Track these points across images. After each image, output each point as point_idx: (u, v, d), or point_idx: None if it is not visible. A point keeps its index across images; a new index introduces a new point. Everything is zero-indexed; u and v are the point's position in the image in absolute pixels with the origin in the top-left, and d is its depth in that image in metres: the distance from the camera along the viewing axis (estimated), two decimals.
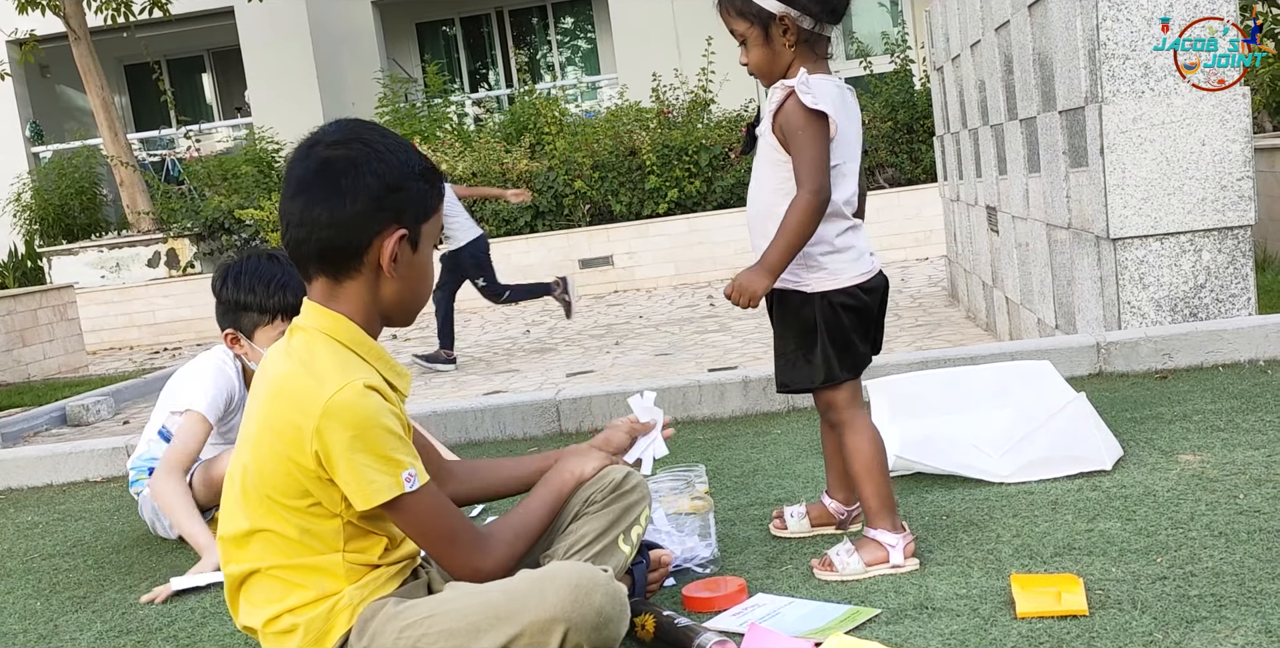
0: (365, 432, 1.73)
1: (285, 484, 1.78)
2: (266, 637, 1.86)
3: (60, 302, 9.79)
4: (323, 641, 1.82)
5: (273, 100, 15.50)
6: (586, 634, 1.72)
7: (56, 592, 2.83)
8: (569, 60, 18.14)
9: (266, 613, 1.83)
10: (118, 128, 13.03)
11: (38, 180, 15.04)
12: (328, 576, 1.82)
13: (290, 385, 1.78)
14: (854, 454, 2.32)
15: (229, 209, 12.51)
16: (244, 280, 3.04)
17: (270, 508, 1.80)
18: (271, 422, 1.79)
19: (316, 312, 1.85)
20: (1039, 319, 5.15)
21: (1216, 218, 3.92)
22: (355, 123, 1.91)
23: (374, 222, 1.81)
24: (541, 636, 1.71)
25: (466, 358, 7.89)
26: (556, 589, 1.73)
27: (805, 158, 2.23)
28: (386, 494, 1.76)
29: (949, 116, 7.65)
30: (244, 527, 1.83)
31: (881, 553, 2.26)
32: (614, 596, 1.76)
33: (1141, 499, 2.50)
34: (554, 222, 11.91)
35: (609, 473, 2.14)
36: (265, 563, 1.83)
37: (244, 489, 1.83)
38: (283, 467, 1.77)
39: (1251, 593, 1.94)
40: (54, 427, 6.51)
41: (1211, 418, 3.11)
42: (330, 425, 1.72)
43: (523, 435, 4.04)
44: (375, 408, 1.75)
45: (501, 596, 1.76)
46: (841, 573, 2.25)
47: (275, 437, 1.77)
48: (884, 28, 14.86)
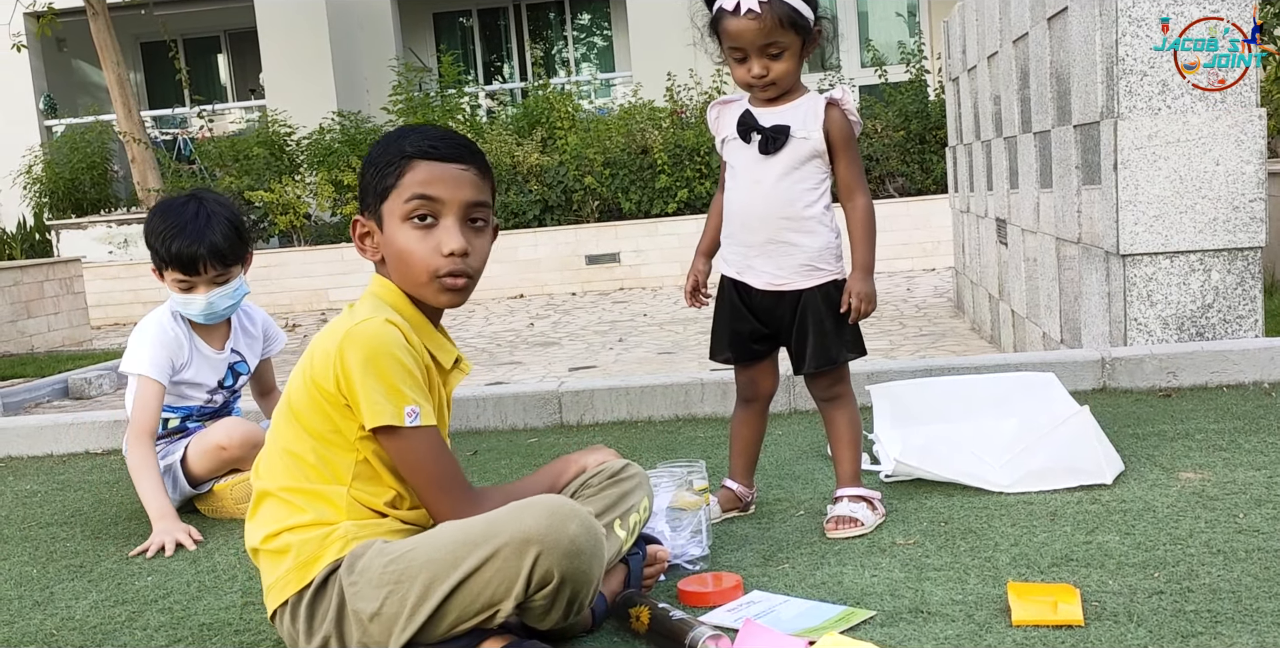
0: (377, 357, 1.87)
1: (312, 408, 1.92)
2: (263, 555, 1.97)
3: (67, 275, 9.80)
4: (311, 565, 1.90)
5: (287, 83, 15.50)
6: (557, 560, 1.76)
7: (53, 560, 2.84)
8: (584, 57, 18.14)
9: (267, 531, 1.94)
10: (132, 104, 13.03)
11: (49, 153, 15.04)
12: (330, 505, 1.93)
13: (332, 325, 1.97)
14: (850, 423, 2.62)
15: (239, 190, 12.51)
16: (154, 219, 3.08)
17: (296, 431, 1.95)
18: (312, 351, 1.95)
19: (375, 280, 2.05)
20: (1044, 333, 5.15)
21: (1227, 238, 3.92)
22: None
23: (365, 198, 2.03)
24: (514, 558, 1.76)
25: (470, 349, 7.90)
26: (534, 513, 1.79)
27: (858, 166, 2.51)
28: (386, 419, 1.88)
29: (962, 128, 7.65)
30: (273, 446, 1.99)
31: (873, 502, 2.59)
32: (589, 528, 1.81)
33: (1141, 514, 2.51)
34: (563, 216, 11.92)
35: (609, 462, 2.21)
36: (277, 484, 1.95)
37: (282, 410, 1.99)
38: (311, 392, 1.92)
39: (1248, 611, 1.94)
40: (56, 398, 6.52)
41: (1214, 437, 3.12)
42: (349, 347, 1.87)
43: (524, 426, 4.05)
44: (391, 339, 1.89)
45: (481, 522, 1.82)
46: (867, 526, 2.51)
47: (310, 364, 1.93)
48: (900, 37, 14.86)
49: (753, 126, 2.51)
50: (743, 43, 2.41)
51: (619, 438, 3.74)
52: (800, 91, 2.52)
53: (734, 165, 2.57)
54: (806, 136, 2.47)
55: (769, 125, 2.49)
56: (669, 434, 3.76)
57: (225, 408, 3.35)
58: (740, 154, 2.55)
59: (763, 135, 2.49)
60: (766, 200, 2.51)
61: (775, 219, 2.50)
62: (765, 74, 2.43)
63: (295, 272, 11.91)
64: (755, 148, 2.51)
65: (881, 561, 2.34)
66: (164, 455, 3.20)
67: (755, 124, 2.50)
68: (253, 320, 3.36)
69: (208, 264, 3.05)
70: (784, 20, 2.37)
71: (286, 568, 1.91)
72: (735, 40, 2.42)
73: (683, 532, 2.41)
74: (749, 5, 2.36)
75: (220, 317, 3.18)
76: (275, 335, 3.42)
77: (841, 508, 2.56)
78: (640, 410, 4.03)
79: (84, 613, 2.42)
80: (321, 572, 1.89)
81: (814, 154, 2.48)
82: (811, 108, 2.48)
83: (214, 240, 3.04)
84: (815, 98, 2.50)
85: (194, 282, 3.07)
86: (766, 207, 2.51)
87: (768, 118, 2.51)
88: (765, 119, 2.51)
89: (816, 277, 2.53)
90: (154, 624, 2.31)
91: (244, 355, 3.31)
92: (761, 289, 2.57)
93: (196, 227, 3.02)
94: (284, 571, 1.92)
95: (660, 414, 4.02)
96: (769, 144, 2.49)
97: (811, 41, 2.46)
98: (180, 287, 3.09)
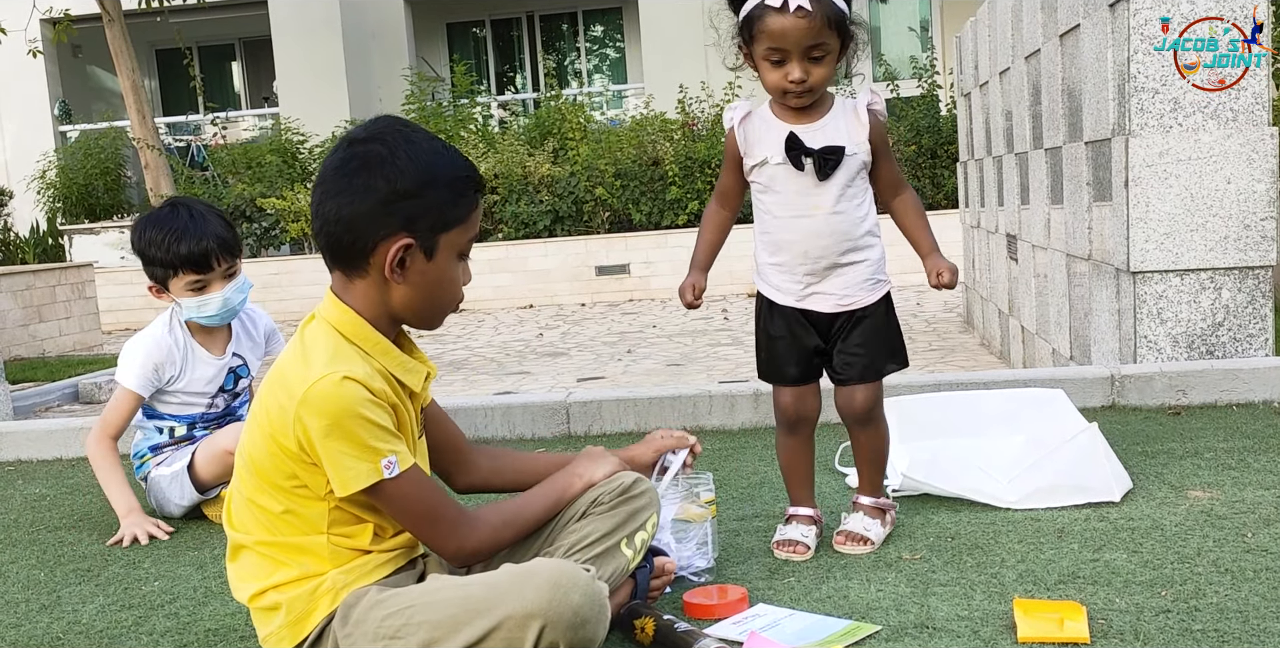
0: (341, 421, 1.76)
1: (273, 464, 1.83)
2: (254, 612, 1.91)
3: (79, 280, 9.84)
4: (304, 621, 1.85)
5: (300, 92, 15.57)
6: (562, 632, 1.73)
7: (60, 564, 2.85)
8: (596, 68, 18.20)
9: (252, 588, 1.89)
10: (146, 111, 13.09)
11: (63, 159, 15.12)
12: (312, 556, 1.86)
13: (284, 370, 1.84)
14: (884, 441, 2.59)
15: (251, 197, 12.57)
16: (147, 233, 3.10)
17: (259, 485, 1.86)
18: (265, 403, 1.84)
19: (330, 302, 1.89)
20: (1054, 349, 5.15)
21: (1238, 257, 3.92)
22: (392, 121, 1.90)
23: (379, 225, 1.80)
24: (518, 631, 1.72)
25: (479, 358, 7.90)
26: (535, 586, 1.74)
27: (895, 162, 2.48)
28: (365, 481, 1.80)
29: (974, 143, 7.66)
30: (239, 497, 1.90)
31: (887, 514, 2.59)
32: (592, 597, 1.77)
33: (1149, 532, 2.50)
34: (573, 227, 11.94)
35: (619, 477, 2.15)
36: (252, 538, 1.88)
37: (242, 462, 1.90)
38: (270, 447, 1.82)
39: (1255, 631, 1.93)
40: (66, 403, 6.54)
41: (1223, 456, 3.11)
42: (307, 413, 1.76)
43: (531, 436, 4.05)
44: (352, 398, 1.76)
45: (481, 589, 1.78)
46: (875, 544, 2.49)
47: (267, 417, 1.82)
48: (913, 52, 14.88)
49: (803, 151, 2.35)
50: (787, 43, 2.25)
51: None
52: (828, 99, 2.40)
53: (780, 191, 2.41)
54: (856, 152, 2.37)
55: (819, 147, 2.35)
56: None
57: (230, 412, 3.36)
58: (789, 181, 2.39)
59: (815, 159, 2.35)
60: (830, 227, 2.39)
61: (839, 245, 2.40)
62: (805, 79, 2.28)
63: (306, 279, 11.94)
64: (809, 174, 2.36)
65: (887, 575, 2.34)
66: (171, 462, 3.21)
67: (804, 147, 2.35)
68: (255, 323, 3.39)
69: (219, 257, 3.10)
70: (832, 20, 2.24)
71: (279, 625, 1.86)
72: (779, 40, 2.25)
73: (689, 544, 2.41)
74: (800, 2, 2.21)
75: (234, 313, 3.23)
76: (277, 338, 3.45)
77: (854, 523, 2.54)
78: (648, 422, 4.03)
79: (90, 617, 2.42)
80: (315, 629, 1.85)
81: (864, 167, 2.40)
82: (852, 118, 2.38)
83: (218, 233, 3.10)
84: (849, 105, 2.39)
85: (208, 279, 3.11)
86: (832, 235, 2.39)
87: (813, 137, 2.36)
88: (810, 138, 2.36)
89: (879, 289, 2.48)
90: (160, 629, 2.32)
91: (246, 359, 3.33)
92: (829, 312, 2.47)
93: (195, 226, 3.07)
94: (276, 627, 1.87)
95: (668, 426, 4.01)
96: (825, 168, 2.35)
97: (849, 47, 2.34)
98: (194, 288, 3.11)
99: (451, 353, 8.32)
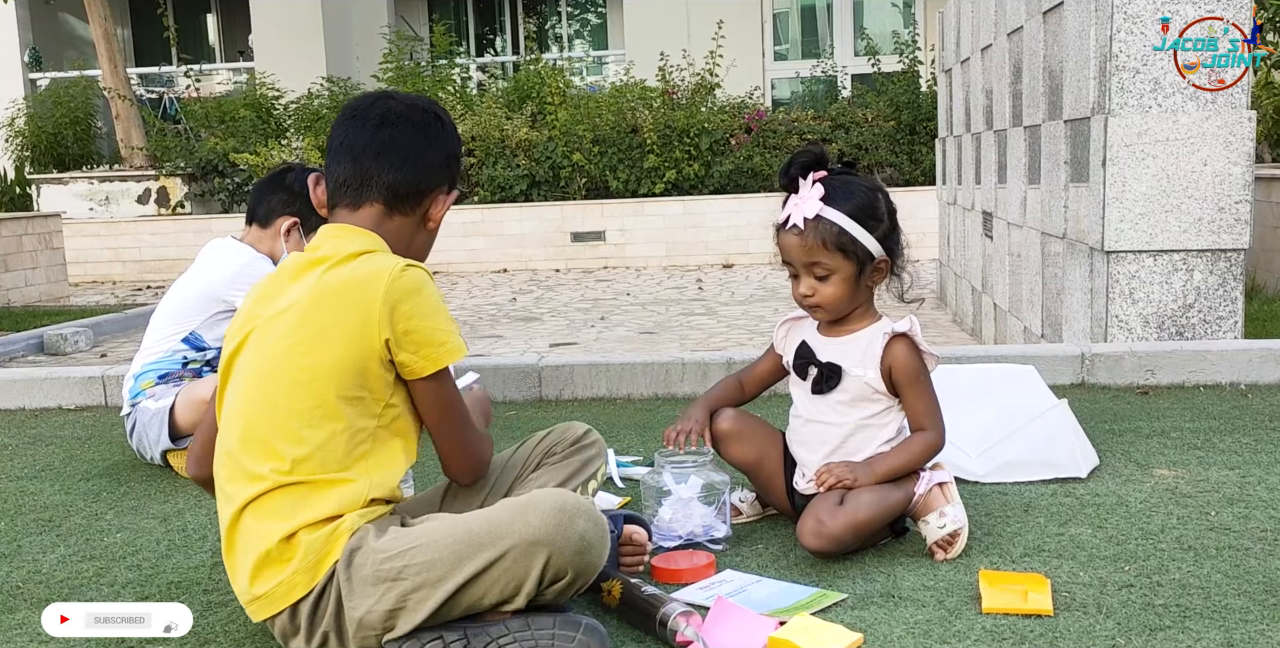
0: (430, 298, 1.86)
1: (332, 378, 1.81)
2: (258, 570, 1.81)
3: (46, 230, 9.71)
4: (321, 563, 1.79)
5: (276, 47, 15.37)
6: (569, 558, 1.75)
7: (21, 513, 2.82)
8: (577, 33, 18.05)
9: (283, 529, 1.79)
10: (118, 60, 12.90)
11: (33, 107, 14.88)
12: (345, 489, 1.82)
13: (349, 279, 1.85)
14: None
15: (224, 152, 12.42)
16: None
17: (296, 414, 1.81)
18: (328, 319, 1.83)
19: (354, 234, 1.93)
20: (1025, 327, 5.17)
21: (1211, 239, 3.93)
22: (423, 96, 2.10)
23: (441, 176, 2.01)
24: (524, 559, 1.74)
25: None
26: (540, 513, 1.76)
27: (929, 401, 2.32)
28: (456, 354, 1.87)
29: (953, 120, 7.65)
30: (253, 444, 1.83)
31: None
32: (596, 521, 1.80)
33: (1114, 509, 2.52)
34: (549, 192, 11.88)
35: (570, 428, 2.22)
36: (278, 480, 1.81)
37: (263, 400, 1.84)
38: (333, 356, 1.81)
39: (1216, 607, 1.95)
40: (31, 354, 6.46)
41: (1189, 436, 3.13)
42: (400, 298, 1.82)
43: (502, 399, 4.04)
44: (426, 279, 1.88)
45: (484, 523, 1.78)
46: (958, 546, 2.25)
47: (335, 326, 1.82)
48: (895, 27, 14.84)
49: (810, 360, 2.36)
50: (790, 258, 2.30)
51: (597, 414, 3.74)
52: (868, 319, 2.36)
53: (793, 396, 2.43)
54: (861, 374, 2.31)
55: (825, 360, 2.34)
56: (647, 412, 3.76)
57: None
58: (797, 388, 2.41)
59: (818, 372, 2.35)
60: (818, 429, 2.37)
61: (815, 444, 2.37)
62: (811, 295, 2.29)
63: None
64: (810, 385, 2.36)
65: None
66: (159, 398, 3.18)
67: (812, 358, 2.36)
68: None
69: None
70: (828, 242, 2.24)
71: (293, 571, 1.79)
72: (785, 254, 2.32)
73: (715, 509, 2.38)
74: (795, 220, 2.26)
75: None
76: None
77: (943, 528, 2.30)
78: (619, 388, 4.02)
79: (51, 567, 2.40)
80: (327, 572, 1.79)
81: (872, 392, 2.31)
82: (872, 341, 2.32)
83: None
84: (878, 329, 2.34)
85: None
86: (818, 433, 2.37)
87: (827, 351, 2.35)
88: (824, 351, 2.35)
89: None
90: (121, 581, 2.30)
91: None
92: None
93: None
94: (290, 574, 1.79)
95: (639, 392, 4.01)
96: (822, 383, 2.33)
97: (875, 271, 2.31)
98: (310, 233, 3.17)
99: None
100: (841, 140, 11.64)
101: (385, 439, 1.88)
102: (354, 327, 1.82)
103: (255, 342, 1.89)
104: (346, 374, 1.82)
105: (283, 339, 1.85)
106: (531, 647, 1.73)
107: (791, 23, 16.62)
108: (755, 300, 8.42)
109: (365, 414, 1.84)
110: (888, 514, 2.25)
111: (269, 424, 1.84)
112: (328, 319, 1.83)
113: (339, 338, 1.82)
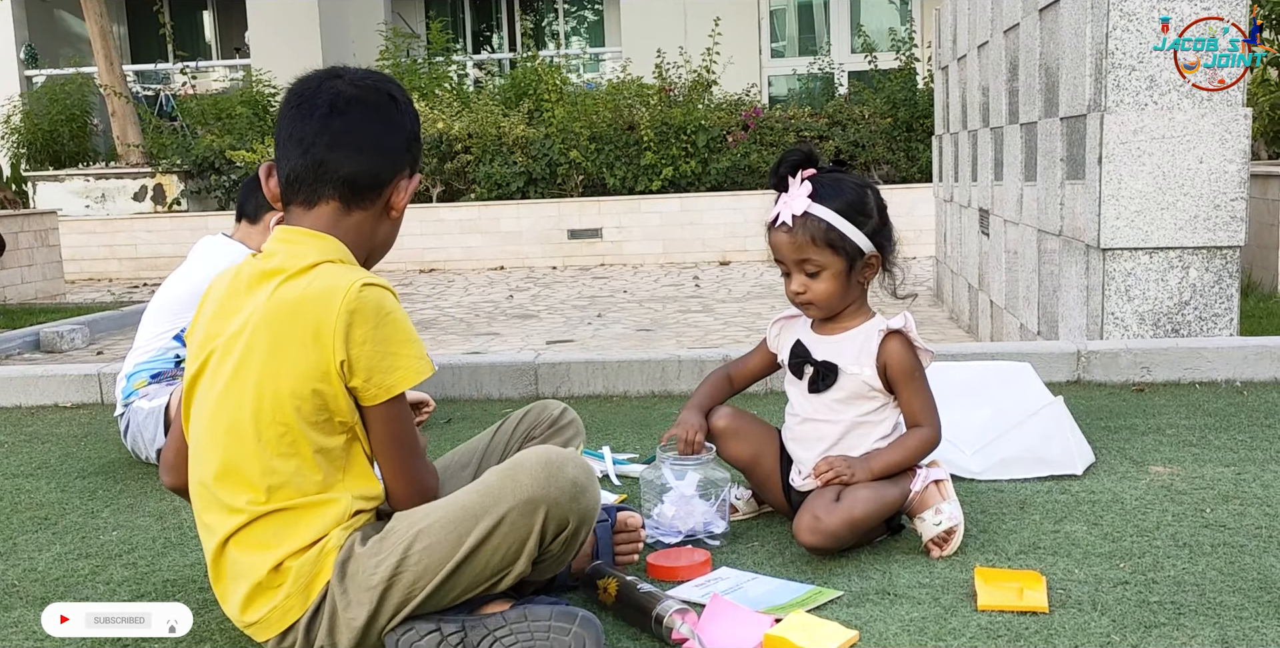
0: (388, 318, 1.73)
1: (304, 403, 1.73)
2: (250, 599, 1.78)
3: (42, 227, 9.70)
4: (312, 585, 1.76)
5: (273, 44, 15.36)
6: (566, 507, 1.76)
7: (17, 511, 2.82)
8: (574, 30, 18.05)
9: (270, 559, 1.76)
10: (114, 58, 12.88)
11: (29, 104, 14.87)
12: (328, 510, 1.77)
13: (302, 298, 1.73)
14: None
15: (220, 149, 12.42)
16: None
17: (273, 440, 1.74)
18: (281, 342, 1.73)
19: (310, 238, 1.80)
20: (1021, 324, 5.17)
21: (1207, 236, 3.94)
22: (374, 71, 1.93)
23: (400, 161, 1.86)
24: (523, 520, 1.74)
25: (448, 318, 7.87)
26: (529, 471, 1.76)
27: (925, 397, 2.33)
28: (417, 376, 1.75)
29: (949, 117, 7.66)
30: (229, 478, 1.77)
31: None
32: (582, 466, 1.81)
33: (1109, 506, 2.52)
34: (546, 190, 11.87)
35: (547, 407, 2.23)
36: (258, 509, 1.76)
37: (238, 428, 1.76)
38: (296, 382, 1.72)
39: (1211, 604, 1.96)
40: (26, 351, 6.46)
41: (1185, 433, 3.14)
42: (356, 319, 1.70)
43: (499, 396, 4.04)
44: (384, 297, 1.75)
45: (474, 495, 1.77)
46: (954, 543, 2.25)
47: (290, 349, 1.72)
48: (892, 24, 14.84)
49: (805, 359, 2.36)
50: (780, 256, 2.31)
51: (594, 412, 3.74)
52: (862, 316, 2.37)
53: (789, 395, 2.44)
54: (858, 372, 2.32)
55: (821, 358, 2.34)
56: (644, 410, 3.76)
57: None
58: (793, 386, 2.42)
59: (814, 371, 2.35)
60: (815, 426, 2.37)
61: (812, 441, 2.37)
62: (803, 292, 2.30)
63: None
64: (806, 384, 2.37)
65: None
66: (153, 397, 3.17)
67: (808, 357, 2.36)
68: None
69: None
70: (817, 238, 2.24)
71: (285, 595, 1.76)
72: (775, 252, 2.32)
73: (714, 505, 2.38)
74: (784, 218, 2.27)
75: None
76: None
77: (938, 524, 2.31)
78: (616, 385, 4.02)
79: (47, 565, 2.40)
80: (320, 592, 1.76)
81: (869, 390, 2.32)
82: (867, 338, 2.32)
83: None
84: (873, 326, 2.34)
85: None
86: (815, 431, 2.37)
87: (822, 349, 2.36)
88: (819, 350, 2.36)
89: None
90: (118, 579, 2.30)
91: None
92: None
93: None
94: (282, 598, 1.76)
95: (636, 390, 4.01)
96: (818, 382, 2.34)
97: (866, 267, 2.31)
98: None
99: (420, 312, 8.28)
100: (838, 137, 11.64)
101: (360, 450, 1.82)
102: (309, 352, 1.72)
103: (214, 368, 1.81)
104: (306, 400, 1.73)
105: (241, 366, 1.76)
106: (528, 638, 1.73)
107: (788, 20, 16.62)
108: (752, 297, 8.43)
109: (334, 433, 1.77)
110: (884, 511, 2.26)
111: (238, 456, 1.77)
112: (281, 342, 1.73)
113: (295, 362, 1.73)
